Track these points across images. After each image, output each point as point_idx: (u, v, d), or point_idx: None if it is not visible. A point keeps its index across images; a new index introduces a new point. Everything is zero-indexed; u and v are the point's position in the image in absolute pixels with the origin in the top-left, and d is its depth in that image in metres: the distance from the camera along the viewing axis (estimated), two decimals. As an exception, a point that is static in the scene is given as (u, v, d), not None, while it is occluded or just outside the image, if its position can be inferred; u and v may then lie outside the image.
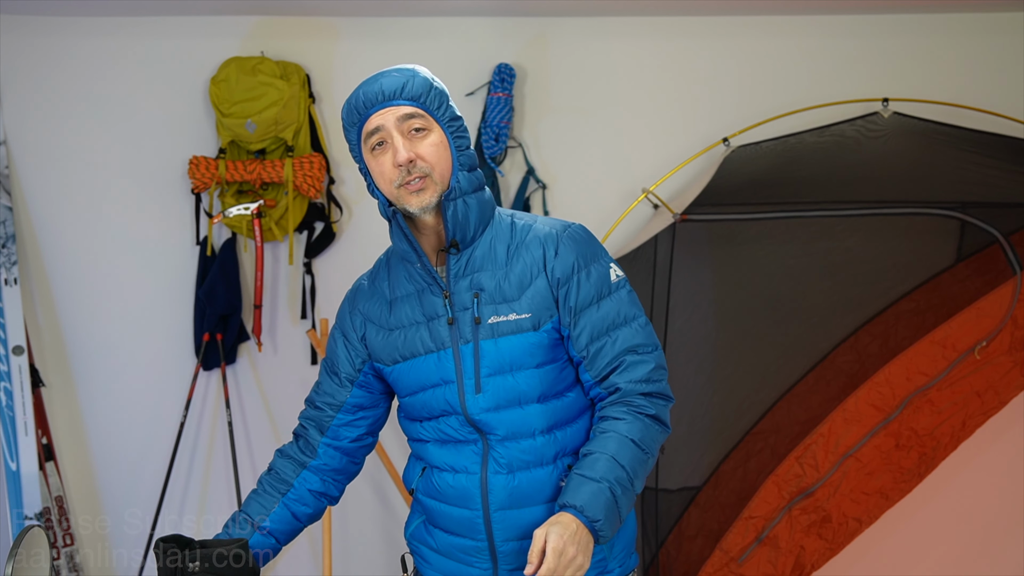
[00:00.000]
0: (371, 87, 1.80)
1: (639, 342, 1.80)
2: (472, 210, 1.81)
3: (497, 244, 1.84)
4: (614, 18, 3.55)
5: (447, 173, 1.79)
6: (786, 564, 2.99)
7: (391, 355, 1.87)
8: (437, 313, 1.82)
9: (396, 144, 1.75)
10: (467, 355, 1.80)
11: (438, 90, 1.82)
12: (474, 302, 1.80)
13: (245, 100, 3.35)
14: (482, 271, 1.81)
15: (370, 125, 1.79)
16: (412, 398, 1.86)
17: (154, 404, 3.57)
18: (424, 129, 1.78)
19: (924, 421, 3.00)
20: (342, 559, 3.58)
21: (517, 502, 1.79)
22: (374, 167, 1.81)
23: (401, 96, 1.78)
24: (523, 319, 1.78)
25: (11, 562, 1.56)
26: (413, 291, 1.86)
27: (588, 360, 1.80)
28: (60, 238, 3.54)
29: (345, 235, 3.60)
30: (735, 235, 3.34)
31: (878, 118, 3.29)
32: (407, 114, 1.77)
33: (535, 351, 1.79)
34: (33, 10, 3.44)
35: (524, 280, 1.80)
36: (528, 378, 1.79)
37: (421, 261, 1.83)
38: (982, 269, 3.24)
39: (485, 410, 1.78)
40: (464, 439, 1.82)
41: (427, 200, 1.77)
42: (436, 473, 1.85)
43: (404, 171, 1.76)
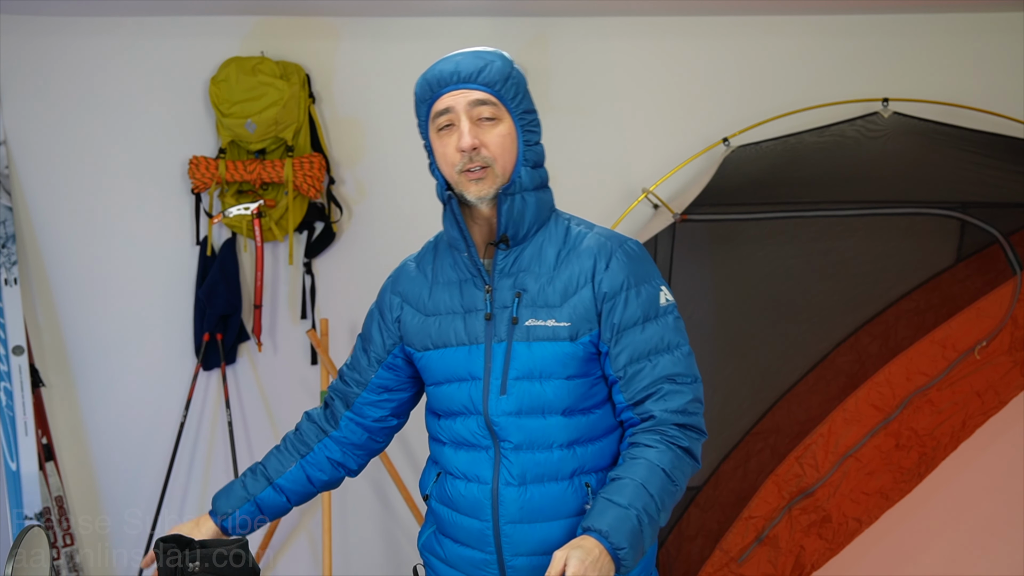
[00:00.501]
0: (447, 66, 1.75)
1: (679, 371, 1.73)
2: (529, 208, 1.76)
3: (547, 247, 1.78)
4: (614, 18, 3.55)
5: (510, 166, 1.74)
6: (786, 564, 2.99)
7: (423, 341, 1.83)
8: (476, 306, 1.78)
9: (462, 129, 1.71)
10: (498, 354, 1.75)
11: (516, 79, 1.76)
12: (515, 302, 1.75)
13: (245, 100, 3.35)
14: (528, 272, 1.77)
15: (440, 104, 1.75)
16: (437, 388, 1.83)
17: (154, 404, 3.57)
18: (494, 119, 1.73)
19: (924, 421, 3.00)
20: (342, 559, 3.58)
21: (528, 516, 1.73)
22: (438, 147, 1.77)
23: (476, 80, 1.72)
24: (561, 327, 1.73)
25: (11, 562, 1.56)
26: (455, 279, 1.82)
27: (624, 381, 1.74)
28: (60, 238, 3.55)
29: (345, 235, 3.60)
30: (735, 235, 3.34)
31: (878, 118, 3.29)
32: (479, 100, 1.72)
33: (568, 362, 1.73)
34: (33, 10, 3.44)
35: (569, 288, 1.75)
36: (556, 388, 1.73)
37: (469, 251, 1.78)
38: (982, 269, 3.24)
39: (506, 413, 1.73)
40: (478, 444, 1.76)
41: (485, 190, 1.73)
42: (450, 480, 1.81)
43: (467, 157, 1.71)
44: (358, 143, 3.58)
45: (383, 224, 3.59)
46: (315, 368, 3.55)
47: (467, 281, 1.80)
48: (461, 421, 1.78)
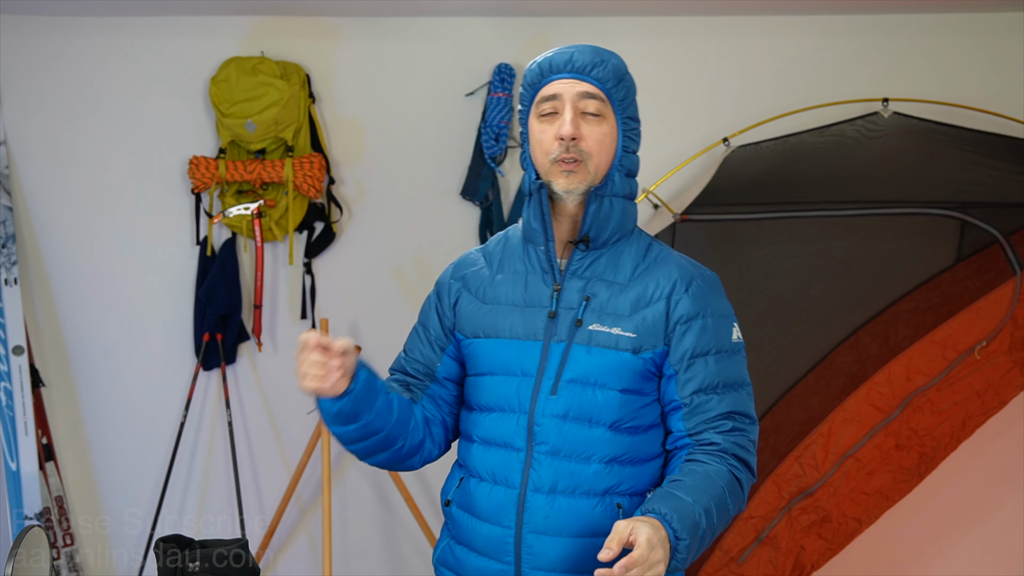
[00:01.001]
0: (562, 54, 1.71)
1: (745, 410, 1.71)
2: (615, 213, 1.72)
3: (625, 259, 1.74)
4: (614, 18, 3.55)
5: (604, 168, 1.70)
6: (786, 564, 2.99)
7: (474, 328, 1.77)
8: (539, 302, 1.73)
9: (565, 117, 1.67)
10: (555, 354, 1.69)
11: (628, 83, 1.73)
12: (582, 304, 1.70)
13: (245, 100, 3.35)
14: (600, 279, 1.72)
15: (548, 90, 1.70)
16: (480, 379, 1.76)
17: (154, 404, 3.57)
18: (599, 116, 1.69)
19: (924, 421, 3.00)
20: (342, 559, 3.58)
21: (554, 528, 1.66)
22: (536, 132, 1.72)
23: (589, 73, 1.69)
24: (625, 337, 1.68)
25: (11, 562, 1.56)
26: (522, 271, 1.77)
27: (689, 409, 1.68)
28: (60, 238, 3.54)
29: (345, 235, 3.60)
30: (735, 235, 3.34)
31: (878, 118, 3.29)
32: (588, 93, 1.68)
33: (625, 373, 1.68)
34: (33, 10, 3.44)
35: (641, 301, 1.71)
36: (608, 399, 1.67)
37: (547, 245, 1.74)
38: (982, 269, 3.24)
39: (552, 415, 1.67)
40: (512, 445, 1.70)
41: (574, 184, 1.68)
42: (474, 483, 1.74)
43: (563, 146, 1.67)
44: (358, 143, 3.58)
45: (383, 224, 3.59)
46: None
47: (534, 274, 1.76)
48: (499, 417, 1.72)
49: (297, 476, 3.33)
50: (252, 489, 3.59)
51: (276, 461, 3.60)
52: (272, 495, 3.57)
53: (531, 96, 1.74)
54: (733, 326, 1.75)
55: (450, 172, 3.56)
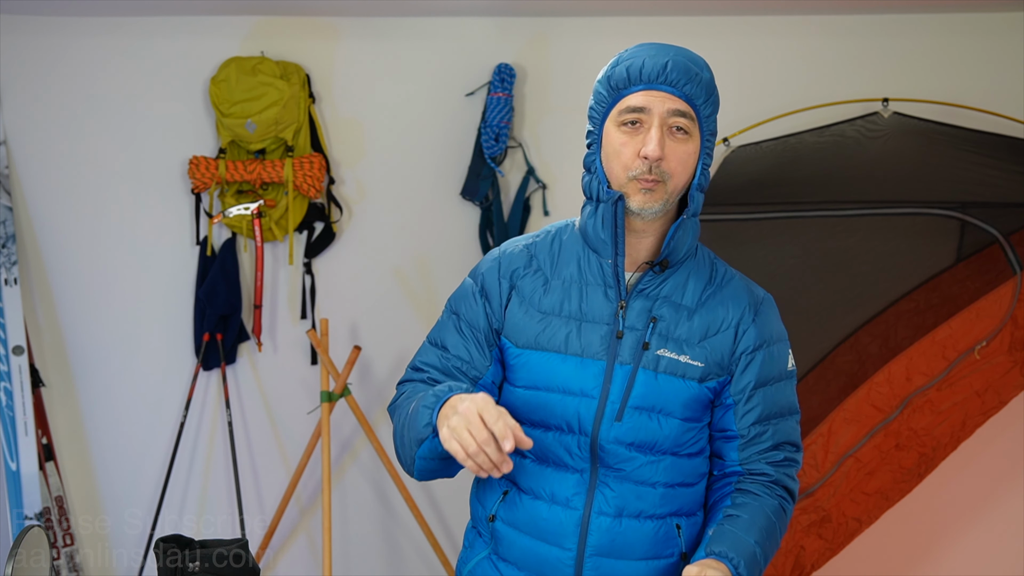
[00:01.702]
0: (656, 62, 1.58)
1: (794, 440, 1.70)
2: (690, 234, 1.66)
3: (692, 280, 1.68)
4: (614, 18, 3.55)
5: (682, 186, 1.62)
6: (786, 564, 2.99)
7: (527, 338, 1.66)
8: (600, 318, 1.64)
9: (652, 135, 1.56)
10: (620, 377, 1.62)
11: (716, 99, 1.64)
12: (648, 326, 1.63)
13: (245, 100, 3.35)
14: (667, 300, 1.66)
15: (635, 100, 1.59)
16: (531, 393, 1.66)
17: (154, 404, 3.57)
18: (687, 133, 1.59)
19: (924, 421, 3.00)
20: (342, 559, 3.58)
21: (617, 551, 1.62)
22: (613, 142, 1.61)
23: (682, 88, 1.58)
24: (694, 366, 1.63)
25: (11, 562, 1.56)
26: (578, 280, 1.67)
27: (746, 441, 1.67)
28: (60, 238, 3.55)
29: (345, 235, 3.60)
30: (735, 235, 3.34)
31: (878, 118, 3.29)
32: (679, 111, 1.58)
33: (690, 403, 1.64)
34: (33, 10, 3.44)
35: (710, 328, 1.66)
36: (672, 428, 1.63)
37: (616, 260, 1.64)
38: (982, 269, 3.24)
39: (618, 442, 1.62)
40: (572, 465, 1.63)
41: (652, 203, 1.60)
42: (527, 500, 1.66)
43: (646, 166, 1.58)
44: (358, 143, 3.58)
45: (383, 224, 3.59)
46: (315, 368, 3.55)
47: (594, 287, 1.66)
48: (557, 436, 1.64)
49: (297, 476, 3.33)
50: (252, 489, 3.59)
51: (276, 461, 3.60)
52: (272, 495, 3.57)
53: (612, 100, 1.62)
54: (789, 352, 1.73)
55: (450, 172, 3.56)
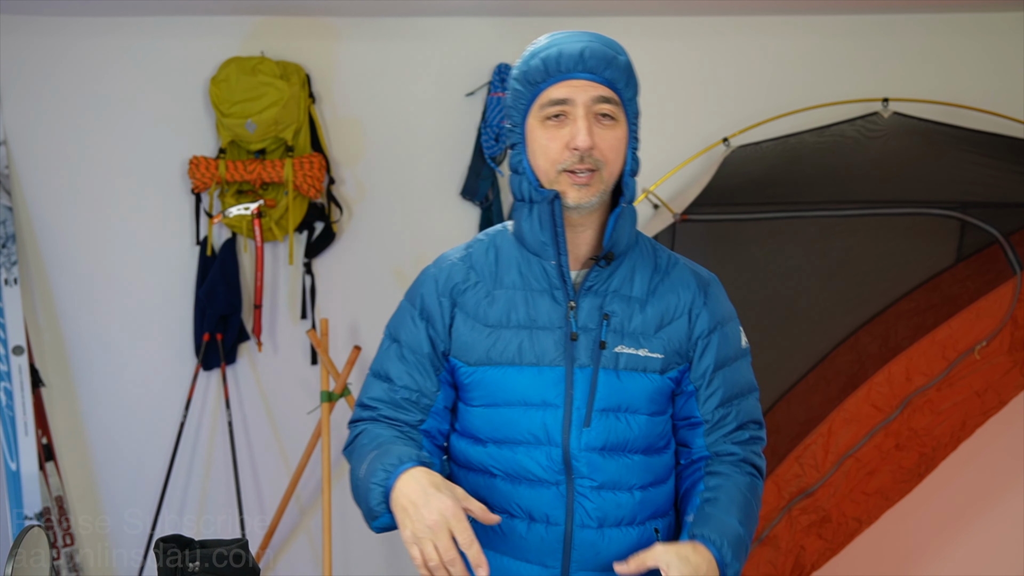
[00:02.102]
0: (572, 48, 1.53)
1: (756, 417, 1.67)
2: (628, 222, 1.60)
3: (639, 270, 1.62)
4: (614, 18, 3.55)
5: (616, 173, 1.57)
6: (786, 564, 2.99)
7: (477, 354, 1.59)
8: (550, 323, 1.57)
9: (579, 125, 1.50)
10: (581, 381, 1.55)
11: (635, 79, 1.57)
12: (601, 324, 1.56)
13: (245, 100, 3.35)
14: (617, 294, 1.59)
15: (555, 92, 1.53)
16: (489, 410, 1.59)
17: (154, 404, 3.57)
18: (613, 119, 1.54)
19: (924, 421, 3.00)
20: (342, 559, 3.58)
21: (603, 564, 1.56)
22: (539, 137, 1.55)
23: (602, 74, 1.52)
24: (653, 359, 1.58)
25: (11, 562, 1.56)
26: (521, 289, 1.60)
27: (711, 425, 1.62)
28: (60, 238, 3.55)
29: (345, 235, 3.60)
30: (735, 235, 3.34)
31: (878, 118, 3.29)
32: (603, 97, 1.52)
33: (655, 397, 1.59)
34: (33, 10, 3.44)
35: (664, 318, 1.60)
36: (640, 425, 1.58)
37: (559, 260, 1.57)
38: (982, 269, 3.24)
39: (590, 448, 1.55)
40: (546, 479, 1.56)
41: (588, 197, 1.54)
42: (504, 520, 1.58)
43: (577, 157, 1.51)
44: (358, 143, 3.58)
45: (383, 224, 3.59)
46: (315, 368, 3.55)
47: (541, 292, 1.58)
48: (526, 451, 1.56)
49: (297, 476, 3.33)
50: (252, 489, 3.59)
51: (276, 461, 3.60)
52: (272, 495, 3.57)
53: (531, 95, 1.56)
54: (740, 329, 1.70)
55: (450, 172, 3.56)
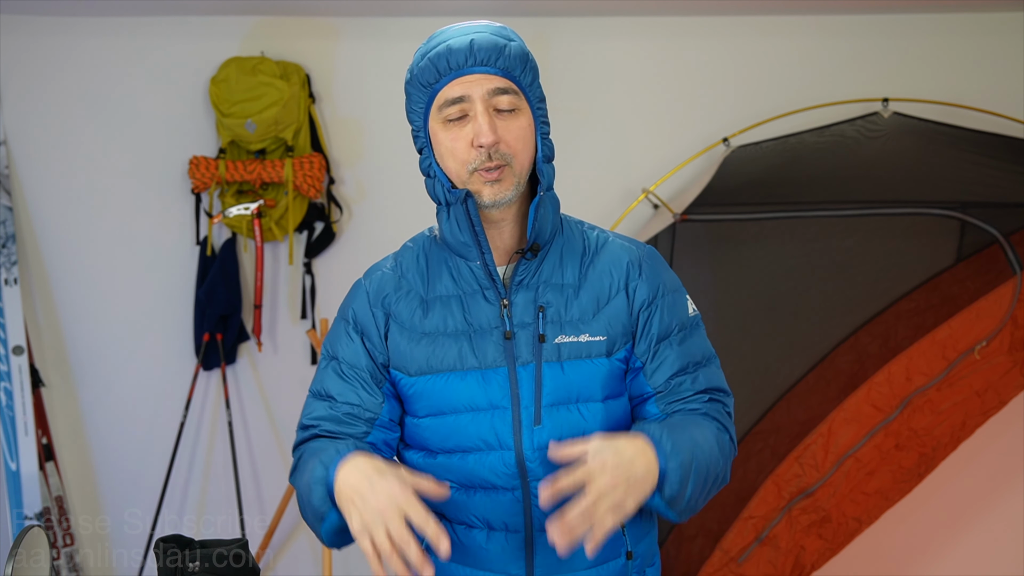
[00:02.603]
0: (457, 43, 1.48)
1: (719, 385, 1.58)
2: (550, 210, 1.54)
3: (567, 255, 1.57)
4: (614, 18, 3.55)
5: (528, 163, 1.52)
6: (786, 564, 2.99)
7: (417, 364, 1.53)
8: (488, 324, 1.52)
9: (480, 122, 1.46)
10: (526, 378, 1.50)
11: (532, 64, 1.53)
12: (538, 317, 1.51)
13: (245, 100, 3.35)
14: (548, 284, 1.54)
15: (451, 92, 1.48)
16: (436, 420, 1.53)
17: (154, 404, 3.57)
18: (514, 109, 1.49)
19: (924, 421, 3.00)
20: (342, 559, 3.58)
21: (566, 565, 1.50)
22: (443, 140, 1.51)
23: (495, 64, 1.47)
24: (596, 342, 1.52)
25: (11, 562, 1.56)
26: (455, 293, 1.55)
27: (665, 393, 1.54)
28: (60, 238, 3.55)
29: (345, 235, 3.60)
30: (735, 235, 3.34)
31: (878, 118, 3.29)
32: (499, 88, 1.47)
33: (606, 381, 1.52)
34: (33, 10, 3.44)
35: (600, 298, 1.54)
36: (594, 413, 1.51)
37: (483, 259, 1.53)
38: (982, 269, 3.24)
39: (544, 446, 1.48)
40: (501, 486, 1.50)
41: (503, 193, 1.49)
42: (461, 531, 1.53)
43: (484, 154, 1.47)
44: (358, 143, 3.58)
45: (383, 224, 3.59)
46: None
47: (473, 295, 1.54)
48: (477, 458, 1.50)
49: (297, 476, 3.33)
50: (252, 489, 3.59)
51: (276, 461, 3.60)
52: (272, 495, 3.57)
53: (428, 98, 1.51)
54: (687, 298, 1.62)
55: (450, 172, 3.56)
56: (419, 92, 1.52)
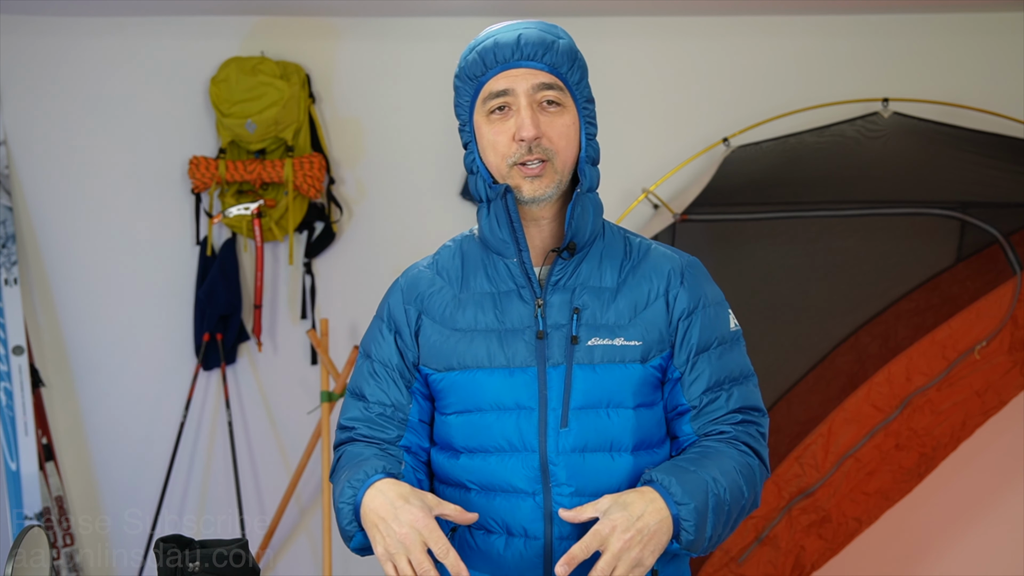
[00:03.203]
0: (505, 37, 1.49)
1: (754, 404, 1.55)
2: (589, 212, 1.52)
3: (607, 259, 1.55)
4: (614, 18, 3.55)
5: (570, 163, 1.51)
6: (786, 564, 2.99)
7: (446, 360, 1.53)
8: (520, 323, 1.50)
9: (523, 115, 1.46)
10: (555, 380, 1.47)
11: (581, 63, 1.53)
12: (572, 319, 1.49)
13: (245, 100, 3.35)
14: (585, 287, 1.52)
15: (496, 84, 1.48)
16: (462, 418, 1.52)
17: (154, 404, 3.57)
18: (559, 105, 1.49)
19: (924, 421, 3.00)
20: (342, 559, 3.58)
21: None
22: (486, 133, 1.50)
23: (541, 60, 1.48)
24: (631, 347, 1.49)
25: (11, 562, 1.56)
26: (490, 291, 1.54)
27: (696, 411, 1.51)
28: (60, 238, 3.54)
29: (345, 235, 3.60)
30: (735, 235, 3.34)
31: (878, 118, 3.29)
32: (544, 84, 1.48)
33: (638, 388, 1.49)
34: (33, 10, 3.44)
35: (638, 304, 1.52)
36: (624, 420, 1.48)
37: (520, 257, 1.52)
38: (982, 269, 3.24)
39: (569, 450, 1.46)
40: (522, 489, 1.47)
41: (543, 189, 1.49)
42: (479, 536, 1.51)
43: (525, 148, 1.47)
44: (358, 143, 3.58)
45: (383, 224, 3.59)
46: (315, 368, 3.55)
47: (508, 293, 1.52)
48: (500, 459, 1.49)
49: (297, 476, 3.33)
50: (252, 489, 3.59)
51: (276, 461, 3.60)
52: (272, 495, 3.57)
53: (473, 90, 1.51)
54: (729, 313, 1.60)
55: (450, 172, 3.56)
56: (466, 85, 1.53)
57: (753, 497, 1.51)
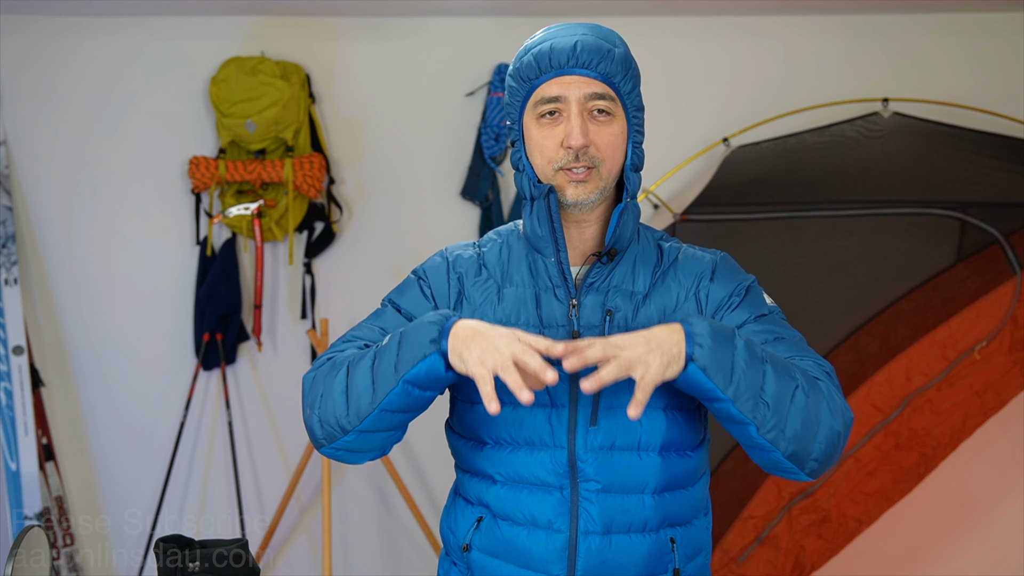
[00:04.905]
0: (564, 43, 1.50)
1: (802, 352, 1.53)
2: (630, 218, 1.54)
3: (640, 264, 1.57)
4: (614, 18, 3.55)
5: (616, 170, 1.53)
6: (786, 564, 2.99)
7: None
8: (555, 322, 1.52)
9: (573, 124, 1.47)
10: None
11: (635, 72, 1.54)
12: (605, 321, 1.51)
13: (245, 100, 3.35)
14: (619, 290, 1.54)
15: (548, 90, 1.50)
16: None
17: (154, 404, 3.57)
18: (609, 114, 1.50)
19: (924, 421, 3.00)
20: (342, 559, 3.58)
21: (608, 572, 1.48)
22: (535, 135, 1.52)
23: (596, 68, 1.49)
24: None
25: (11, 562, 1.56)
26: (531, 286, 1.56)
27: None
28: (60, 238, 3.55)
29: (345, 235, 3.60)
30: (735, 235, 3.34)
31: (878, 118, 3.29)
32: (596, 93, 1.49)
33: (669, 389, 1.49)
34: (33, 10, 3.44)
35: (667, 307, 1.54)
36: (654, 420, 1.50)
37: (558, 257, 1.54)
38: (982, 269, 3.24)
39: (597, 448, 1.48)
40: (549, 483, 1.49)
41: (586, 194, 1.50)
42: (505, 527, 1.52)
43: (572, 155, 1.48)
44: (358, 143, 3.58)
45: (383, 224, 3.59)
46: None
47: (546, 291, 1.55)
48: (528, 454, 1.50)
49: (297, 476, 3.33)
50: (252, 489, 3.59)
51: (276, 461, 3.60)
52: (272, 495, 3.57)
53: (526, 92, 1.53)
54: (763, 293, 1.61)
55: (450, 172, 3.57)
56: (519, 85, 1.54)
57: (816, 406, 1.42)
